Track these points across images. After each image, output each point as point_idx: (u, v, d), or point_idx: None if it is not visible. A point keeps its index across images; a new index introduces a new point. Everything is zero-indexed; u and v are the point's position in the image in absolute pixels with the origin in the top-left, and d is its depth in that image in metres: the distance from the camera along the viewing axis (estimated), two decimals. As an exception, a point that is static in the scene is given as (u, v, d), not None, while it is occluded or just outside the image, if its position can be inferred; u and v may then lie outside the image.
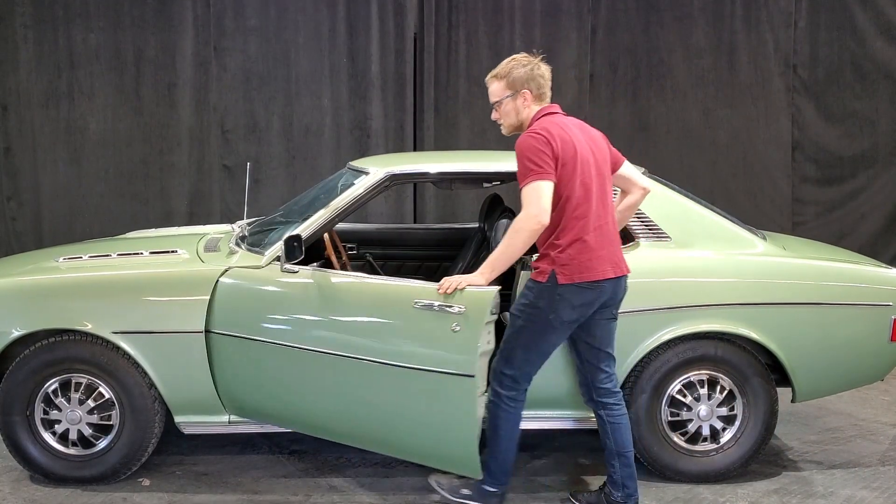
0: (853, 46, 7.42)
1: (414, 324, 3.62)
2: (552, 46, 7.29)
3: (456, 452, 3.65)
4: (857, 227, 7.57)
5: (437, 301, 3.54)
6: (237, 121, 7.16)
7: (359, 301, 3.78)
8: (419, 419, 3.68)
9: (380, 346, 3.69)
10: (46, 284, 4.03)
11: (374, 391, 3.74)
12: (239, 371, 3.91)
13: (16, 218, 7.14)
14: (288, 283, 3.86)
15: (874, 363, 4.20)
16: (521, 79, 3.59)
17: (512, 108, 3.63)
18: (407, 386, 3.65)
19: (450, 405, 3.58)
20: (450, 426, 3.61)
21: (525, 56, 3.67)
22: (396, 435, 3.79)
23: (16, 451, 4.00)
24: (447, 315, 3.53)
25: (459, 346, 3.51)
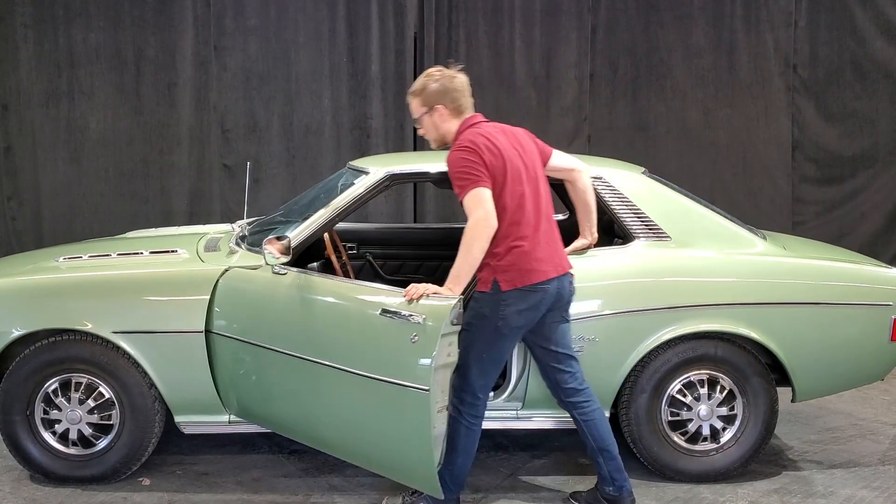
0: (853, 46, 7.42)
1: (377, 331, 3.48)
2: (552, 46, 7.30)
3: (414, 468, 3.51)
4: (856, 226, 7.57)
5: (400, 309, 3.41)
6: (237, 120, 7.17)
7: (329, 305, 3.69)
8: (379, 430, 3.56)
9: (345, 353, 3.59)
10: (46, 284, 4.03)
11: (340, 398, 3.66)
12: (234, 372, 3.91)
13: (16, 217, 7.14)
14: (277, 285, 3.83)
15: (874, 363, 4.20)
16: (434, 94, 3.58)
17: (430, 123, 3.63)
18: (368, 395, 3.52)
19: (406, 419, 3.43)
20: (407, 440, 3.47)
21: (439, 70, 3.65)
22: (360, 445, 3.70)
23: (16, 450, 4.00)
24: (408, 325, 3.38)
25: (416, 357, 3.35)
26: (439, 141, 3.68)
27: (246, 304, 3.87)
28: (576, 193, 3.93)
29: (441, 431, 3.49)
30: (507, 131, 3.62)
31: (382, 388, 3.45)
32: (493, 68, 7.29)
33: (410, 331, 3.36)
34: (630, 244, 4.10)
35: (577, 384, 3.72)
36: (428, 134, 3.68)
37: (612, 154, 6.88)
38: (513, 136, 3.62)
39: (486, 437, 4.61)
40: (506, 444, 4.56)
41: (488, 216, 3.36)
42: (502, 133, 3.59)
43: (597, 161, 4.60)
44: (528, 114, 7.32)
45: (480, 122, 3.61)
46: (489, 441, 4.59)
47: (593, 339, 3.95)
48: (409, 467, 3.54)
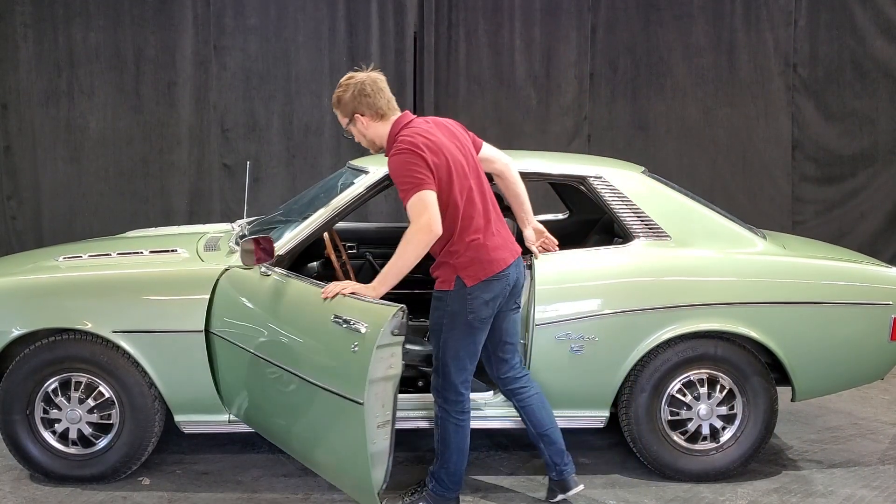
0: (853, 45, 7.42)
1: (327, 338, 3.41)
2: (552, 45, 7.30)
3: (354, 482, 3.44)
4: (856, 225, 7.57)
5: (348, 317, 3.31)
6: (237, 119, 7.17)
7: (293, 309, 3.64)
8: (326, 440, 3.51)
9: (300, 358, 3.55)
10: (46, 284, 4.03)
11: (295, 404, 3.63)
12: (228, 372, 3.91)
13: (16, 217, 7.15)
14: (260, 287, 3.81)
15: (874, 362, 4.20)
16: (349, 104, 3.51)
17: (356, 132, 3.57)
18: (317, 403, 3.47)
19: (346, 431, 3.34)
20: (347, 453, 3.39)
21: (349, 77, 3.55)
22: (313, 452, 3.67)
23: (16, 450, 4.00)
24: (352, 333, 3.27)
25: (354, 368, 3.25)
26: (373, 147, 3.62)
27: (237, 304, 3.87)
28: (507, 187, 3.90)
29: (382, 448, 3.35)
30: (441, 125, 3.57)
31: (327, 397, 3.38)
32: (493, 67, 7.29)
33: (353, 340, 3.26)
34: (630, 244, 4.10)
35: (517, 372, 3.77)
36: (361, 141, 3.62)
37: (611, 153, 6.89)
38: (447, 129, 3.57)
39: (486, 436, 4.61)
40: (506, 444, 4.56)
41: (431, 223, 3.29)
42: (438, 127, 3.53)
43: (597, 160, 4.61)
44: (527, 113, 7.32)
45: (412, 120, 3.54)
46: (489, 440, 4.59)
47: (593, 339, 3.95)
48: (350, 480, 3.47)
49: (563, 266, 4.03)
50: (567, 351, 3.95)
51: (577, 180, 4.25)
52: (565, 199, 5.51)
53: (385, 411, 3.32)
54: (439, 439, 3.63)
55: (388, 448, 3.37)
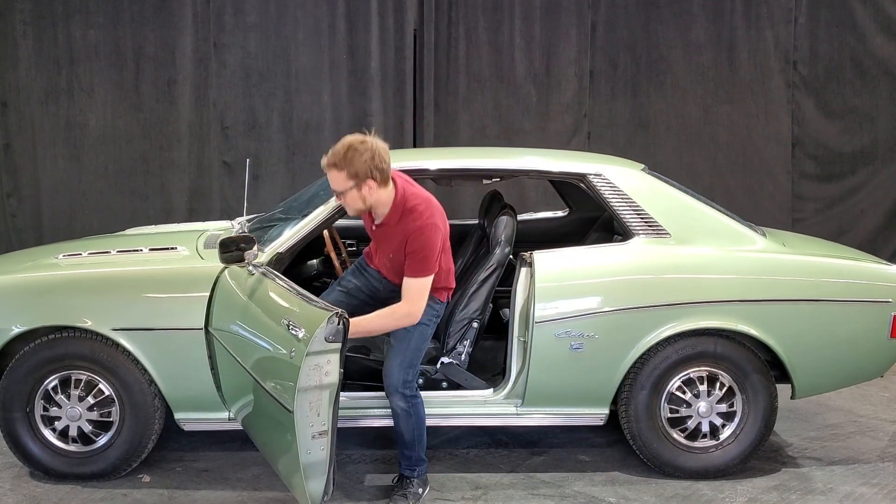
0: (853, 43, 7.41)
1: (276, 342, 3.36)
2: (552, 43, 7.29)
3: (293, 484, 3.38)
4: (856, 223, 7.57)
5: (293, 321, 3.26)
6: (237, 117, 7.16)
7: (257, 309, 3.61)
8: (275, 444, 3.47)
9: (256, 361, 3.52)
10: (46, 281, 4.03)
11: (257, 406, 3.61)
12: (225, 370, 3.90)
13: (16, 214, 7.14)
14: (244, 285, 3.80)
15: (874, 360, 4.20)
16: (364, 169, 3.49)
17: (357, 196, 3.57)
18: (267, 407, 3.42)
19: (284, 438, 3.29)
20: (286, 461, 3.35)
21: (361, 140, 3.54)
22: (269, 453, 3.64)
23: (16, 447, 4.00)
24: (294, 339, 3.22)
25: (288, 374, 3.20)
26: (363, 211, 3.66)
27: (231, 303, 3.87)
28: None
29: (319, 458, 3.26)
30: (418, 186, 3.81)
31: (270, 403, 3.34)
32: (493, 65, 7.28)
33: (293, 345, 3.21)
34: (629, 241, 4.10)
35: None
36: (353, 205, 3.60)
37: (611, 151, 6.89)
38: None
39: (486, 433, 4.62)
40: (505, 441, 4.57)
41: (418, 314, 3.63)
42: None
43: (597, 158, 4.61)
44: (527, 111, 7.32)
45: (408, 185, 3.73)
46: (489, 437, 4.60)
47: (593, 336, 3.95)
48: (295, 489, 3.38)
49: (563, 264, 4.04)
50: (567, 349, 3.95)
51: (577, 178, 4.25)
52: (565, 197, 5.51)
53: (321, 420, 3.22)
54: (409, 429, 3.79)
55: (328, 459, 3.26)
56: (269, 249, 3.97)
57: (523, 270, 4.05)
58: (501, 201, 4.85)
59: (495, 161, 4.43)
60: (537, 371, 3.97)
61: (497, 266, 4.18)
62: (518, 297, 4.03)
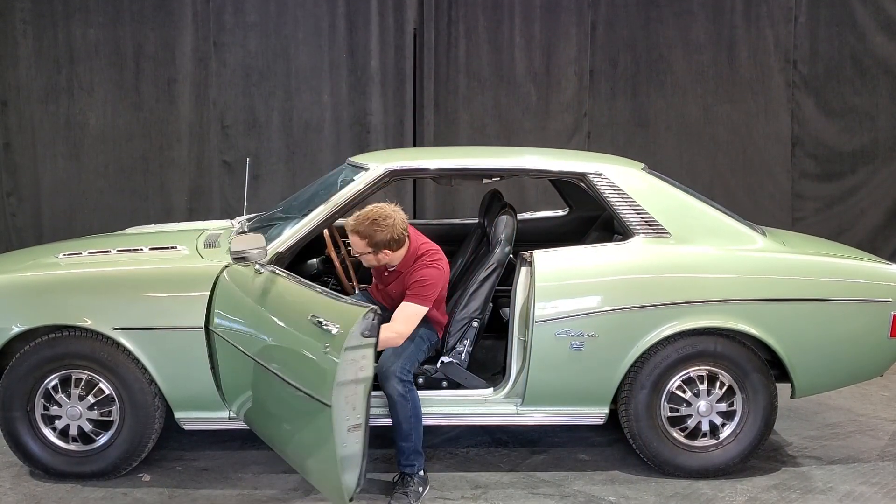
0: (853, 42, 7.41)
1: (304, 339, 3.44)
2: (552, 42, 7.29)
3: (324, 479, 3.46)
4: (856, 222, 7.57)
5: (322, 318, 3.35)
6: (237, 116, 7.16)
7: (276, 308, 3.64)
8: (303, 441, 3.54)
9: (279, 358, 3.56)
10: (47, 281, 4.03)
11: (277, 404, 3.64)
12: (227, 369, 3.91)
13: (16, 213, 7.14)
14: (253, 285, 3.82)
15: (874, 359, 4.20)
16: (383, 241, 3.89)
17: (373, 258, 3.98)
18: (294, 404, 3.49)
19: (318, 432, 3.36)
20: (319, 454, 3.41)
21: (384, 216, 3.88)
22: (294, 454, 3.67)
23: (16, 446, 4.00)
24: (325, 334, 3.30)
25: (324, 370, 3.29)
26: (377, 267, 4.09)
27: (235, 302, 3.88)
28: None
29: (354, 451, 3.35)
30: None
31: (301, 398, 3.40)
32: (493, 64, 7.28)
33: (326, 341, 3.29)
34: (629, 240, 4.10)
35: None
36: (367, 263, 4.03)
37: (611, 150, 6.89)
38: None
39: (486, 432, 4.62)
40: (505, 440, 4.57)
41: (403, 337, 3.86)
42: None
43: (597, 157, 4.61)
44: (527, 110, 7.32)
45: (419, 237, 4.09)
46: (489, 437, 4.60)
47: (593, 336, 3.95)
48: (326, 483, 3.47)
49: (563, 263, 4.04)
50: (567, 348, 3.95)
51: (577, 177, 4.25)
52: (565, 196, 5.51)
53: (356, 414, 3.32)
54: (406, 416, 3.82)
55: (361, 452, 3.35)
56: (269, 249, 3.97)
57: (523, 270, 4.05)
58: (501, 200, 4.85)
59: (495, 160, 4.43)
60: (537, 370, 3.97)
61: (497, 265, 4.18)
62: (518, 296, 4.03)
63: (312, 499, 3.90)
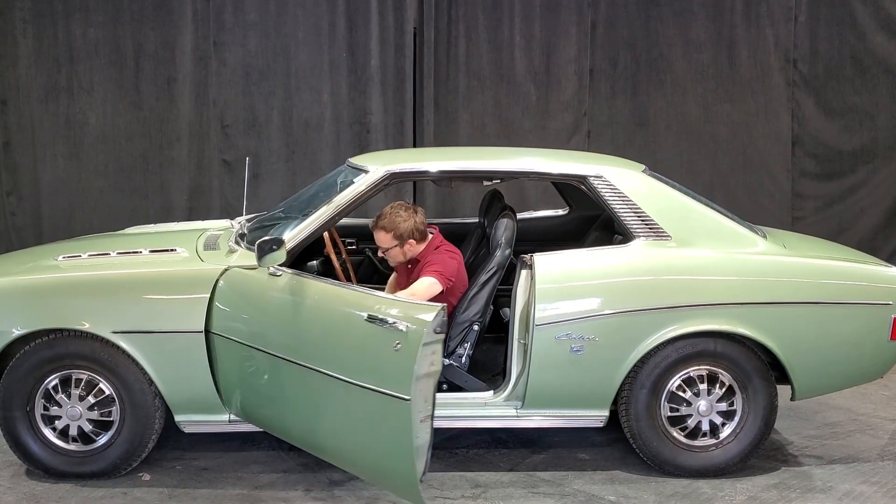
0: (853, 41, 7.40)
1: (362, 338, 3.50)
2: (552, 41, 7.28)
3: (394, 477, 3.52)
4: (856, 221, 7.56)
5: (385, 316, 3.44)
6: (237, 115, 7.16)
7: (318, 310, 3.69)
8: (362, 437, 3.58)
9: (331, 358, 3.59)
10: (46, 284, 4.02)
11: (326, 403, 3.66)
12: (234, 373, 3.91)
13: (15, 213, 7.14)
14: (271, 287, 3.83)
15: (874, 362, 4.20)
16: (407, 232, 4.17)
17: (399, 252, 4.23)
18: (352, 401, 3.53)
19: (388, 427, 3.43)
20: (388, 449, 3.47)
21: (404, 207, 4.22)
22: (345, 450, 3.71)
23: (16, 446, 4.00)
24: (392, 332, 3.39)
25: (398, 365, 3.35)
26: (402, 263, 4.31)
27: (243, 305, 3.88)
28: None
29: (424, 441, 3.45)
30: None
31: (365, 395, 3.45)
32: (493, 63, 7.27)
33: (393, 338, 3.37)
34: (630, 243, 4.10)
35: None
36: (394, 259, 4.27)
37: (611, 149, 6.89)
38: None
39: (486, 432, 4.62)
40: (505, 440, 4.57)
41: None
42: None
43: (597, 159, 4.60)
44: (527, 109, 7.31)
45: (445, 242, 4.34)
46: (489, 436, 4.60)
47: (593, 339, 3.95)
48: (390, 476, 3.55)
49: (563, 266, 4.03)
50: (567, 351, 3.95)
51: (577, 180, 4.24)
52: (565, 196, 5.51)
53: (427, 406, 3.45)
54: None
55: (429, 441, 3.49)
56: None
57: (523, 273, 4.05)
58: (502, 201, 4.85)
59: (495, 162, 4.42)
60: (537, 373, 3.97)
61: (497, 269, 4.19)
62: (518, 299, 4.03)
63: (313, 498, 3.91)
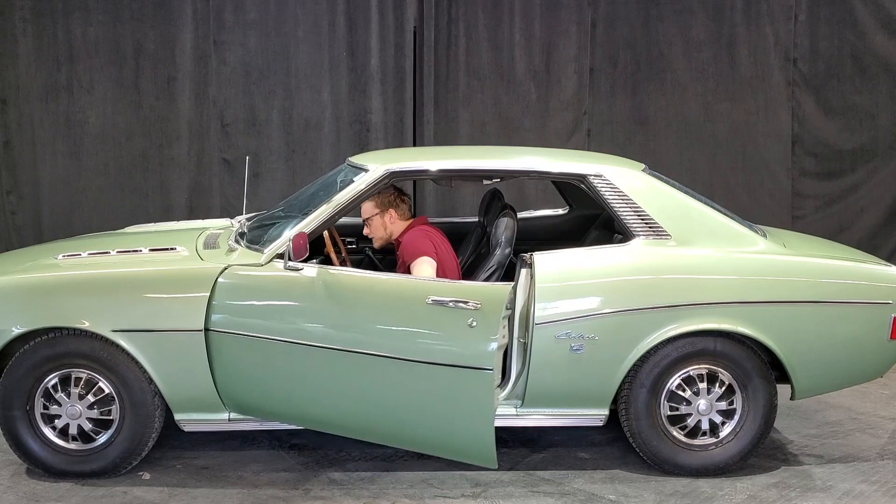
0: (853, 40, 7.40)
1: (427, 320, 3.72)
2: (552, 40, 7.28)
3: (472, 444, 3.76)
4: (856, 220, 7.56)
5: (452, 298, 3.69)
6: (237, 114, 7.16)
7: (370, 298, 3.81)
8: (434, 413, 3.77)
9: (392, 343, 3.74)
10: (46, 282, 4.02)
11: (385, 386, 3.77)
12: (240, 369, 3.91)
13: (15, 212, 7.14)
14: (292, 281, 3.86)
15: (873, 361, 4.20)
16: (388, 200, 4.37)
17: (380, 223, 4.39)
18: (421, 380, 3.73)
19: (467, 398, 3.69)
20: (466, 419, 3.71)
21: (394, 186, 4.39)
22: (409, 428, 3.84)
23: (16, 445, 4.01)
24: (462, 311, 3.66)
25: (477, 340, 3.65)
26: (384, 240, 4.45)
27: (254, 301, 3.88)
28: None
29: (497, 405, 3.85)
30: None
31: (439, 372, 3.68)
32: (493, 62, 7.27)
33: (466, 317, 3.64)
34: (630, 242, 4.10)
35: None
36: (376, 232, 4.42)
37: (611, 148, 6.88)
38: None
39: (486, 431, 4.62)
40: (505, 439, 4.57)
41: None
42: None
43: (597, 158, 4.60)
44: (527, 108, 7.31)
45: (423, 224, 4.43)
46: (489, 436, 4.60)
47: (593, 338, 3.95)
48: (467, 444, 3.79)
49: (563, 265, 4.03)
50: (567, 350, 3.95)
51: (577, 179, 4.25)
52: (565, 195, 5.51)
53: (498, 374, 3.82)
54: None
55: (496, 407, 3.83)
56: (268, 251, 3.98)
57: (523, 272, 4.05)
58: (502, 200, 4.85)
59: (495, 162, 4.42)
60: (537, 372, 3.97)
61: (497, 267, 4.19)
62: (518, 298, 4.03)
63: (313, 497, 3.91)
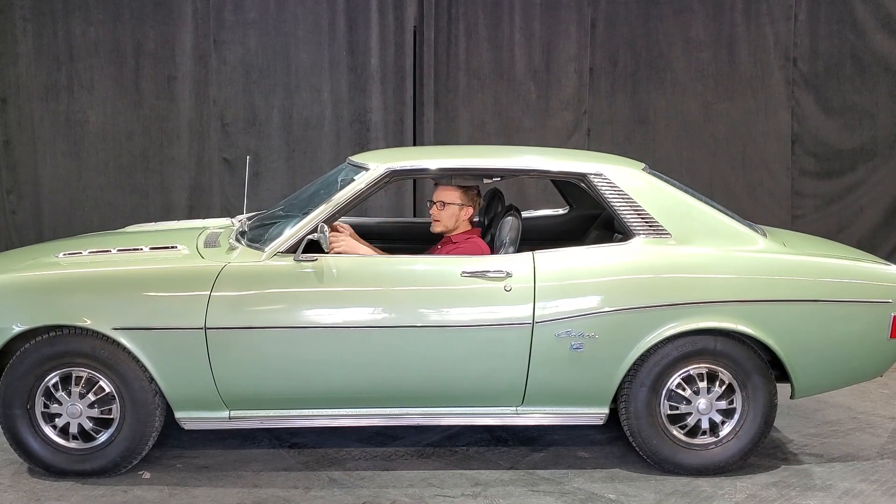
0: (853, 39, 7.41)
1: (464, 290, 3.96)
2: (552, 39, 7.29)
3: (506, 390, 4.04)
4: (855, 220, 7.57)
5: (479, 269, 3.99)
6: (237, 114, 7.16)
7: (404, 277, 4.01)
8: (473, 368, 3.99)
9: (432, 314, 3.94)
10: (47, 280, 4.02)
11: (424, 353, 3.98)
12: (245, 363, 3.91)
13: (15, 211, 7.14)
14: (305, 272, 3.93)
15: (873, 360, 4.20)
16: (473, 200, 4.46)
17: (454, 214, 4.40)
18: (461, 343, 3.95)
19: (510, 349, 3.96)
20: (504, 368, 3.98)
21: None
22: (444, 386, 4.04)
23: (16, 444, 4.00)
24: (495, 279, 3.97)
25: (514, 302, 3.95)
26: (447, 229, 4.45)
27: (257, 296, 3.91)
28: None
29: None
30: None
31: (480, 332, 3.94)
32: (493, 62, 7.28)
33: (501, 283, 3.96)
34: (630, 241, 4.10)
35: None
36: (445, 220, 4.42)
37: (611, 148, 6.89)
38: None
39: (486, 430, 4.63)
40: (505, 438, 4.57)
41: None
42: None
43: (597, 157, 4.61)
44: (527, 107, 7.32)
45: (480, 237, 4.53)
46: (489, 434, 4.60)
47: (593, 337, 3.95)
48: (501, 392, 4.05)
49: (564, 264, 4.04)
50: (567, 349, 3.96)
51: (577, 178, 4.25)
52: (565, 195, 5.51)
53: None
54: None
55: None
56: (269, 249, 3.98)
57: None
58: (502, 200, 4.85)
59: (495, 161, 4.43)
60: (537, 371, 3.98)
61: (500, 267, 4.20)
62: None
63: (312, 496, 3.91)
